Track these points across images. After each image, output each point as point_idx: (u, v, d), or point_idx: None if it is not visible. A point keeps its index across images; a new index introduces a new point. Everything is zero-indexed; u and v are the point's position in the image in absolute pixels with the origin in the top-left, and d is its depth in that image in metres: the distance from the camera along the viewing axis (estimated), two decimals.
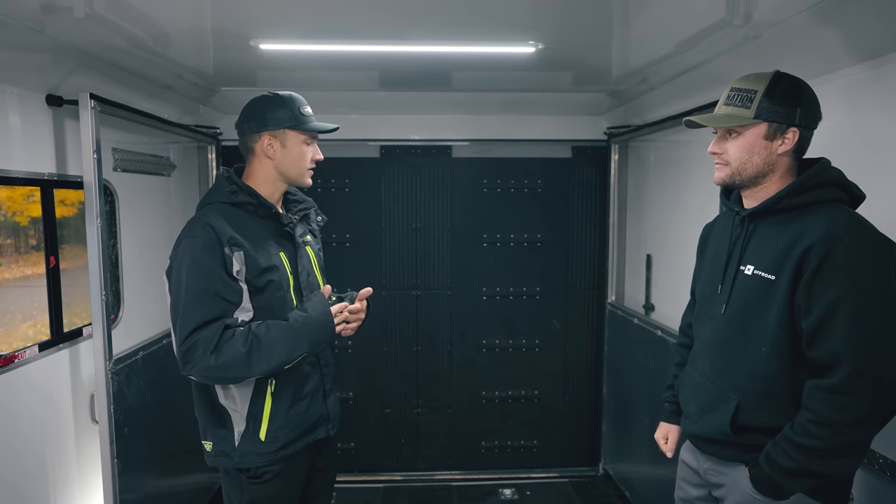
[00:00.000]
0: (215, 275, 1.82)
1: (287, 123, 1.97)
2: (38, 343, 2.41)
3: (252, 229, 1.94)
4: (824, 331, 1.48)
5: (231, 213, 1.93)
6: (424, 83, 3.20)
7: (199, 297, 1.81)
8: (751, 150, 1.61)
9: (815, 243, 1.48)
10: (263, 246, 1.93)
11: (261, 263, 1.90)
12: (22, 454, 2.32)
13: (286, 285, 1.97)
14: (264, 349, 1.81)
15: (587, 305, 4.11)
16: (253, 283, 1.89)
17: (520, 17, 2.13)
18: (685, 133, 3.14)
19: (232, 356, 1.79)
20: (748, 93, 1.60)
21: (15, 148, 2.29)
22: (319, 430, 2.07)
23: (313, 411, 2.04)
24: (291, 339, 1.85)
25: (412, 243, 4.01)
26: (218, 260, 1.83)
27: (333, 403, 2.13)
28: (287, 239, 2.04)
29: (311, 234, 2.20)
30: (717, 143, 1.68)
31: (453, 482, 4.07)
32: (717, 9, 1.99)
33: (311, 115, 2.03)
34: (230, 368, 1.81)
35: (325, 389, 2.08)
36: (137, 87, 2.84)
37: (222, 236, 1.84)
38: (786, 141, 1.60)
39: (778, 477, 1.54)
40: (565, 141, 3.97)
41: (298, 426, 1.99)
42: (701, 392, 1.76)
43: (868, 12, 1.80)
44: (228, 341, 1.80)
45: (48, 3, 1.89)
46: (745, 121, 1.60)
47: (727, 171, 1.67)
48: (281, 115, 1.97)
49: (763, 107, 1.58)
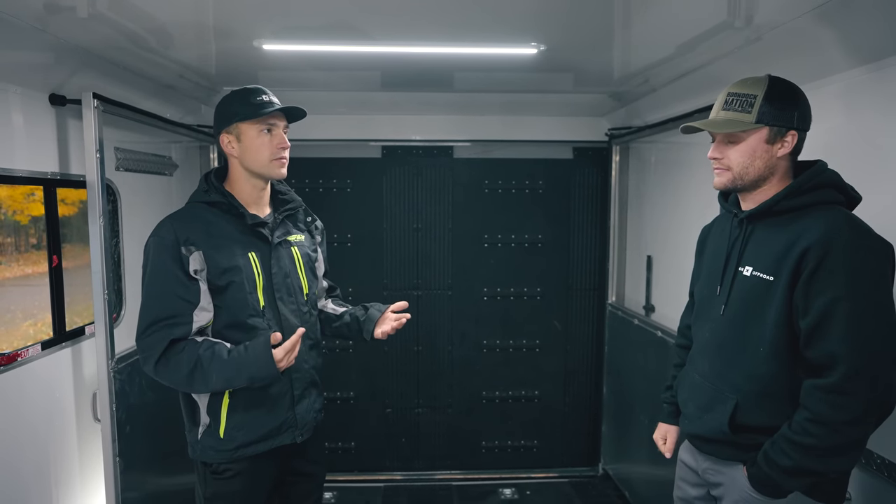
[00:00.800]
0: (170, 274, 1.83)
1: (238, 117, 1.91)
2: (40, 342, 2.42)
3: (221, 228, 1.92)
4: (822, 331, 1.49)
5: (204, 213, 1.93)
6: (426, 84, 3.21)
7: (153, 295, 1.85)
8: (753, 154, 1.62)
9: (813, 244, 1.49)
10: (228, 246, 1.91)
11: (221, 263, 1.88)
12: (24, 452, 2.33)
13: (251, 286, 1.92)
14: (204, 375, 1.82)
15: (588, 306, 4.12)
16: (214, 283, 1.88)
17: (522, 19, 2.14)
18: (687, 135, 3.14)
19: (175, 373, 1.83)
20: (747, 97, 1.61)
21: (18, 147, 2.30)
22: (284, 436, 1.99)
23: (275, 416, 1.97)
24: (229, 372, 1.83)
25: (413, 243, 4.02)
26: (174, 259, 1.83)
27: (305, 410, 2.03)
28: (261, 239, 1.98)
29: (307, 233, 2.16)
30: (716, 149, 1.69)
31: (453, 482, 4.08)
32: (719, 11, 1.99)
33: (269, 103, 1.92)
34: (173, 383, 1.87)
35: (293, 395, 2.00)
36: (140, 86, 2.85)
37: (180, 236, 1.85)
38: (785, 144, 1.62)
39: (776, 475, 1.55)
40: (566, 142, 3.98)
41: (256, 429, 1.94)
42: (700, 392, 1.77)
43: (868, 15, 1.80)
44: (175, 356, 1.82)
45: (52, 3, 1.90)
46: (748, 126, 1.60)
47: (728, 175, 1.67)
48: (232, 109, 1.93)
49: (764, 111, 1.59)
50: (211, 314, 1.89)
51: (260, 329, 1.92)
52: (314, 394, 2.09)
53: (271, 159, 1.94)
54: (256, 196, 2.00)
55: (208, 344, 1.85)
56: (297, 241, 2.10)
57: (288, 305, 2.00)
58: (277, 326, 1.96)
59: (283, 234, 2.05)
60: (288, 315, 2.00)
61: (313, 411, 2.08)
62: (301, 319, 2.04)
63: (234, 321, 1.91)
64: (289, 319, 1.99)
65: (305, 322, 2.04)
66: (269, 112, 1.91)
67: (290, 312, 2.01)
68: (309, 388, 2.06)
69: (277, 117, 1.94)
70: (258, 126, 1.92)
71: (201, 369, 1.82)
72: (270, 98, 1.95)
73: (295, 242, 2.09)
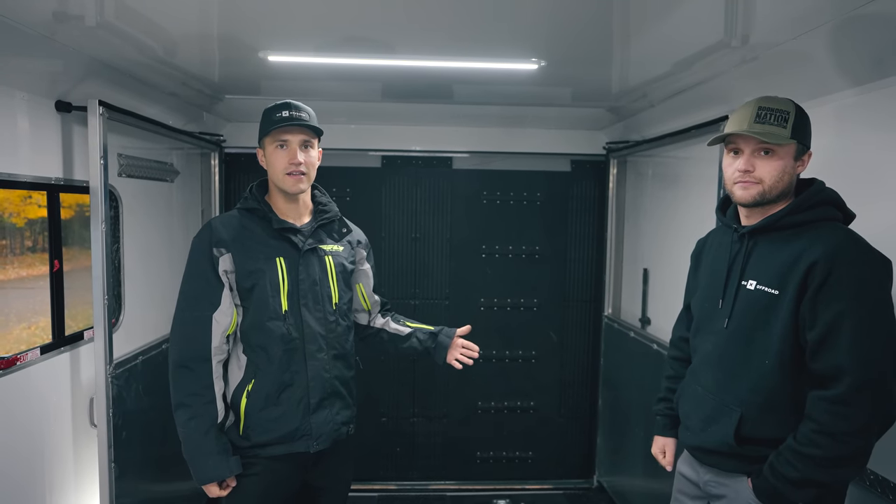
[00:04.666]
0: (200, 273, 1.97)
1: (261, 132, 2.04)
2: (39, 346, 2.42)
3: (253, 233, 2.02)
4: (828, 343, 1.52)
5: (242, 219, 2.05)
6: (426, 95, 3.24)
7: (185, 296, 2.00)
8: (783, 169, 1.64)
9: (820, 259, 1.53)
10: (256, 249, 2.00)
11: (247, 266, 1.98)
12: (20, 456, 2.33)
13: (274, 290, 1.98)
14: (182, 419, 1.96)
15: (584, 318, 4.14)
16: (241, 285, 1.98)
17: (523, 36, 2.18)
18: (683, 149, 3.18)
19: (174, 392, 1.98)
20: (782, 112, 1.63)
21: (23, 152, 2.32)
22: (299, 444, 2.01)
23: (289, 422, 1.99)
24: (189, 444, 1.95)
25: (411, 253, 4.04)
26: (206, 259, 1.96)
27: (322, 420, 2.04)
28: (292, 246, 2.04)
29: (347, 243, 2.20)
30: (748, 162, 1.65)
31: (448, 492, 4.08)
32: (716, 31, 2.03)
33: (286, 118, 1.98)
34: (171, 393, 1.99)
35: (309, 403, 2.01)
36: (143, 94, 2.87)
37: (214, 238, 1.98)
38: (803, 163, 1.67)
39: (782, 487, 1.57)
40: (565, 155, 4.01)
41: (269, 431, 1.98)
42: (703, 405, 1.78)
43: (860, 38, 1.85)
44: (181, 381, 1.96)
45: (60, 12, 1.93)
46: (785, 140, 1.62)
47: (758, 189, 1.65)
48: (261, 125, 2.05)
49: (796, 128, 1.63)
50: (231, 318, 1.98)
51: (278, 333, 1.99)
52: (337, 405, 2.09)
53: (284, 173, 2.01)
54: (290, 206, 2.09)
55: (205, 401, 1.94)
56: (332, 250, 2.13)
57: (313, 312, 2.04)
58: (298, 332, 2.02)
59: (315, 243, 2.09)
60: (311, 322, 2.03)
61: (334, 423, 2.07)
62: (326, 328, 2.07)
63: (256, 322, 1.99)
64: (311, 326, 2.03)
65: (331, 331, 2.08)
66: (278, 127, 1.98)
67: (315, 320, 2.04)
68: (330, 399, 2.07)
69: (291, 133, 2.00)
70: (274, 141, 2.02)
71: (181, 418, 1.95)
72: (292, 114, 1.99)
73: (330, 252, 2.12)
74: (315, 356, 2.03)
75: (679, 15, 1.90)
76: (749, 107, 1.67)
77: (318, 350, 2.04)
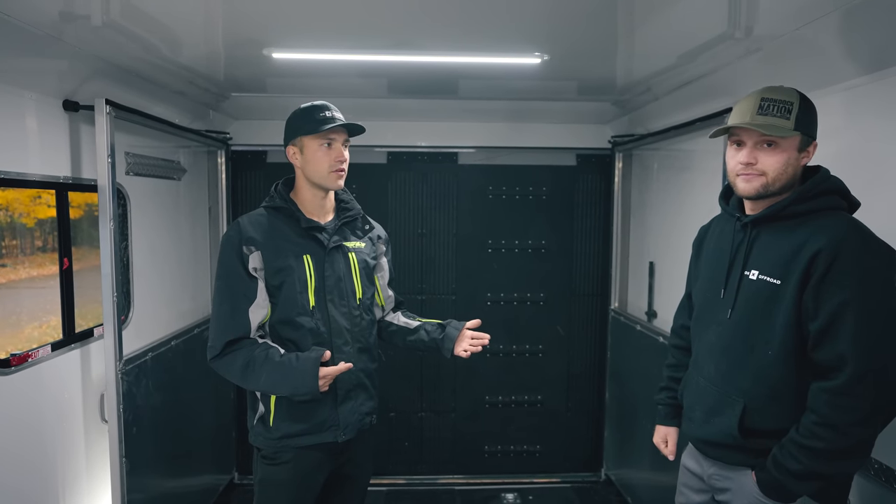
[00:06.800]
0: (234, 270, 2.02)
1: (302, 131, 2.07)
2: (50, 343, 2.45)
3: (281, 231, 2.08)
4: (831, 333, 1.51)
5: (269, 217, 2.10)
6: (432, 91, 3.25)
7: (220, 289, 2.05)
8: (787, 161, 1.62)
9: (823, 249, 1.51)
10: (284, 247, 2.05)
11: (276, 263, 2.03)
12: (33, 452, 2.37)
13: (302, 286, 2.04)
14: (255, 373, 1.98)
15: (590, 312, 4.14)
16: (270, 282, 2.04)
17: (527, 30, 2.18)
18: (688, 142, 3.17)
19: (229, 368, 2.01)
20: (785, 104, 1.61)
21: (32, 151, 2.35)
22: (326, 434, 2.08)
23: (318, 412, 2.07)
24: (275, 377, 1.96)
25: (418, 248, 4.05)
26: (238, 256, 2.02)
27: (349, 411, 2.11)
28: (318, 243, 2.10)
29: (368, 240, 2.24)
30: (750, 154, 1.64)
31: (456, 486, 4.10)
32: (719, 23, 2.02)
33: (331, 119, 2.06)
34: (229, 376, 2.04)
35: (336, 394, 2.08)
36: (150, 92, 2.90)
37: (243, 236, 2.03)
38: (808, 154, 1.65)
39: (785, 479, 1.57)
40: (570, 149, 4.01)
41: (299, 422, 2.05)
42: (706, 396, 1.78)
43: (868, 25, 1.83)
44: (231, 353, 2.00)
45: (67, 12, 1.95)
46: (789, 132, 1.60)
47: (762, 181, 1.64)
48: (298, 124, 2.09)
49: (800, 119, 1.61)
50: (266, 311, 2.05)
51: (307, 328, 2.05)
52: (362, 397, 2.16)
53: (329, 171, 2.08)
54: (318, 204, 2.14)
55: (265, 346, 2.00)
56: (355, 247, 2.19)
57: (339, 308, 2.10)
58: (326, 327, 2.07)
59: (340, 240, 2.15)
60: (337, 317, 2.09)
61: (359, 414, 2.15)
62: (351, 322, 2.13)
63: (286, 318, 2.05)
64: (337, 321, 2.09)
65: (356, 325, 2.15)
66: (330, 128, 2.04)
67: (341, 315, 2.10)
68: (356, 391, 2.14)
69: (337, 132, 2.08)
70: (319, 140, 2.06)
71: (253, 368, 1.97)
72: (333, 114, 2.08)
73: (353, 248, 2.18)
74: (341, 349, 2.09)
75: (682, 7, 1.89)
76: (752, 98, 1.64)
77: (345, 343, 2.10)
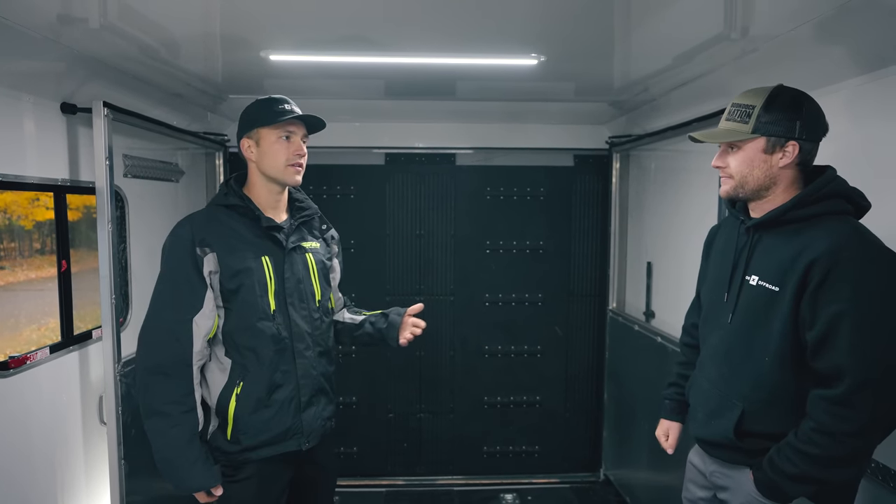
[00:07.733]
0: (181, 275, 1.90)
1: (259, 122, 1.98)
2: (48, 345, 2.45)
3: (237, 231, 1.96)
4: (828, 343, 1.50)
5: (222, 216, 1.98)
6: (429, 92, 3.25)
7: (161, 297, 1.93)
8: (751, 163, 1.64)
9: (820, 256, 1.50)
10: (241, 248, 1.94)
11: (233, 265, 1.92)
12: (31, 454, 2.36)
13: (262, 289, 1.95)
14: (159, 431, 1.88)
15: (588, 312, 4.15)
16: (225, 285, 1.92)
17: (523, 32, 2.18)
18: (686, 143, 3.17)
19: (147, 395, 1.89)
20: (747, 108, 1.64)
21: (30, 154, 2.34)
22: (290, 443, 1.99)
23: (280, 421, 1.97)
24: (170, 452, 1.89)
25: (416, 250, 4.05)
26: (189, 257, 1.89)
27: (312, 417, 2.03)
28: (276, 244, 2.01)
29: (323, 240, 2.18)
30: (719, 157, 1.72)
31: (455, 487, 4.10)
32: (715, 24, 2.03)
33: (290, 111, 1.97)
34: (140, 397, 1.91)
35: (300, 401, 2.00)
36: (148, 94, 2.90)
37: (196, 236, 1.90)
38: (786, 154, 1.62)
39: (780, 481, 1.58)
40: (567, 150, 4.01)
41: (261, 433, 1.95)
42: (708, 398, 1.79)
43: (865, 25, 1.84)
44: (162, 384, 1.87)
45: (64, 14, 1.94)
46: (743, 136, 1.62)
47: (731, 183, 1.70)
48: (255, 115, 1.99)
49: (761, 122, 1.61)
50: (213, 322, 1.92)
51: (268, 334, 1.95)
52: (323, 401, 2.09)
53: (287, 164, 1.99)
54: (273, 201, 2.04)
55: (186, 409, 1.88)
56: (311, 247, 2.12)
57: (299, 311, 2.03)
58: (287, 331, 1.99)
59: (298, 240, 2.07)
60: (298, 320, 2.02)
61: (321, 419, 2.08)
62: (312, 325, 2.06)
63: (244, 324, 1.94)
64: (299, 325, 2.02)
65: (316, 328, 2.07)
66: (288, 119, 1.96)
67: (301, 318, 2.03)
68: (317, 396, 2.07)
69: (296, 125, 2.00)
70: (277, 132, 1.97)
71: (161, 424, 1.87)
72: (292, 107, 2.00)
73: (310, 249, 2.11)
74: (303, 354, 2.02)
75: (678, 8, 1.90)
76: (730, 103, 1.70)
77: (306, 348, 2.03)
